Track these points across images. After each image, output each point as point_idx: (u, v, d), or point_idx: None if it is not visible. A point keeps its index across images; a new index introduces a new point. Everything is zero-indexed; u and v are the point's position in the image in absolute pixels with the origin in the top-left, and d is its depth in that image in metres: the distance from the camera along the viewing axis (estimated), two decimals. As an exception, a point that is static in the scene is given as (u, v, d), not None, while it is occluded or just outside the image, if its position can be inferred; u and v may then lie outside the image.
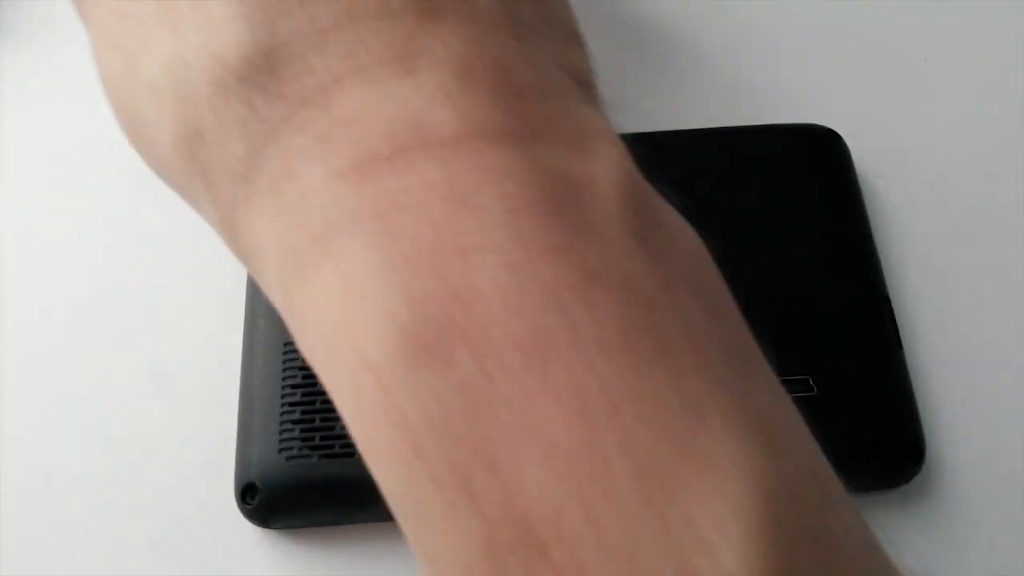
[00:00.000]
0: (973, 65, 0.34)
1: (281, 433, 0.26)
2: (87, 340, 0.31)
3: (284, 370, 0.27)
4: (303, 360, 0.27)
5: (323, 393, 0.27)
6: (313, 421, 0.26)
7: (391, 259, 0.13)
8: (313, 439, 0.26)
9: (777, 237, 0.29)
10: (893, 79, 0.34)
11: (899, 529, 0.26)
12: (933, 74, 0.34)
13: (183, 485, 0.28)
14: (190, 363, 0.30)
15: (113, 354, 0.30)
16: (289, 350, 0.28)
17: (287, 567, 0.27)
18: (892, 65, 0.35)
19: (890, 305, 0.29)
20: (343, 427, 0.26)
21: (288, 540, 0.27)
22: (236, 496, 0.26)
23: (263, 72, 0.15)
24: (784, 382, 0.19)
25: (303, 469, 0.26)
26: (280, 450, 0.26)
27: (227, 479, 0.27)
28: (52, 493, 0.28)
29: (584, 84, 0.17)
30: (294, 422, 0.26)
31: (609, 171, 0.14)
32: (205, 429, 0.28)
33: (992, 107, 0.34)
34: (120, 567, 0.27)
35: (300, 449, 0.26)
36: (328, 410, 0.27)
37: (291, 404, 0.27)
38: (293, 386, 0.27)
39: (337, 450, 0.26)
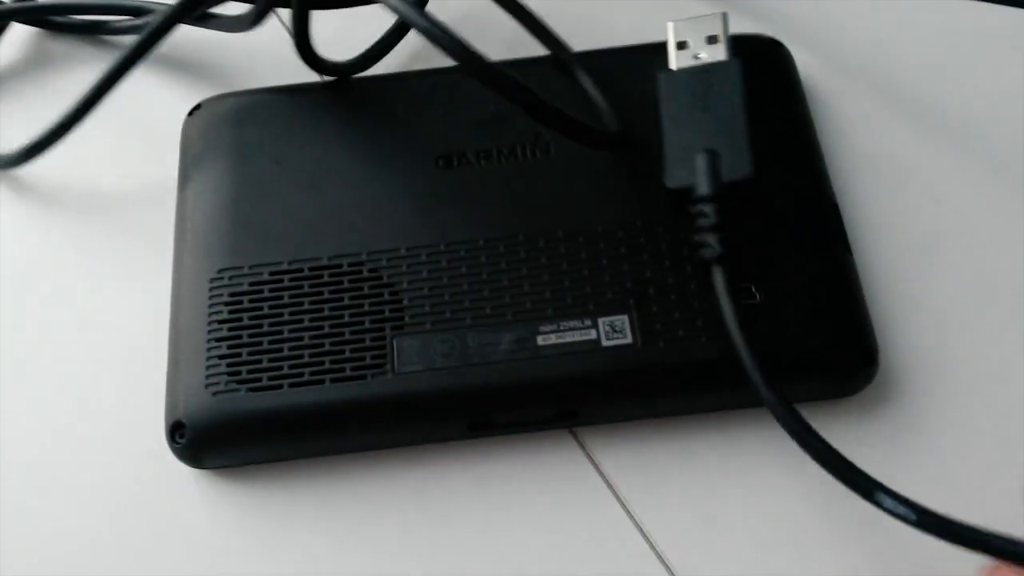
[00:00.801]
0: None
1: (208, 369, 0.25)
2: (17, 291, 0.30)
3: (210, 306, 0.26)
4: (229, 295, 0.26)
5: (250, 327, 0.26)
6: (240, 355, 0.25)
7: None
8: (240, 373, 0.25)
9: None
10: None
11: (856, 438, 0.26)
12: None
13: (119, 432, 0.27)
14: (125, 306, 0.29)
15: (42, 305, 0.29)
16: (215, 285, 0.27)
17: (223, 507, 0.26)
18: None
19: (838, 211, 0.28)
20: (271, 360, 0.26)
21: (223, 480, 0.26)
22: (167, 436, 0.25)
23: None
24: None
25: (230, 404, 0.25)
26: (207, 386, 0.25)
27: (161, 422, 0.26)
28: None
29: None
30: (220, 357, 0.25)
31: None
32: (141, 373, 0.27)
33: (946, 9, 0.33)
34: (55, 510, 0.26)
35: (227, 384, 0.25)
36: (256, 343, 0.26)
37: (217, 340, 0.26)
38: (219, 321, 0.26)
39: (265, 382, 0.25)
